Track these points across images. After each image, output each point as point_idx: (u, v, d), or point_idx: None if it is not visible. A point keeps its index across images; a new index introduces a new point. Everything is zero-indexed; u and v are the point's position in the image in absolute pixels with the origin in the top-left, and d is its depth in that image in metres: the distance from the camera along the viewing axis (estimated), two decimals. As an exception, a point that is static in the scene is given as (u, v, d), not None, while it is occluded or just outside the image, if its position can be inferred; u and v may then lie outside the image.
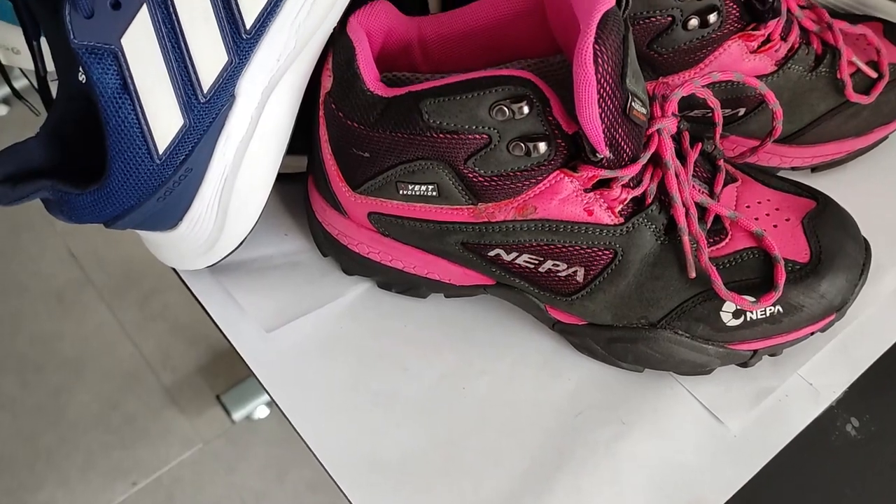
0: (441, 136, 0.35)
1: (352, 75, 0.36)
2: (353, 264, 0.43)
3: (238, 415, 1.10)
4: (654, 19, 0.40)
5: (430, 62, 0.40)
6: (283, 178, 0.43)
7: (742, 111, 0.45)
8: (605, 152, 0.34)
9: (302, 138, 0.41)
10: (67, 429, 1.13)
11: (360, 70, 0.36)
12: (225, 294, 0.44)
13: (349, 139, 0.38)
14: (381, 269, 0.43)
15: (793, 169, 0.49)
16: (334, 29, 0.37)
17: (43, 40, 0.40)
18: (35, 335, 1.19)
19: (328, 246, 0.44)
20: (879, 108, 0.47)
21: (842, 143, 0.48)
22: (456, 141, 0.35)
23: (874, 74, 0.46)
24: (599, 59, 0.31)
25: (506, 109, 0.34)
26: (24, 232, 1.28)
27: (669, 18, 0.40)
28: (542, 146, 0.35)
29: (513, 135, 0.35)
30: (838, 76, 0.45)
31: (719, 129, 0.42)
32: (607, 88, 0.32)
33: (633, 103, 0.33)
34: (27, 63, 0.46)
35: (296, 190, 0.47)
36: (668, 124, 0.37)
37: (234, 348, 0.42)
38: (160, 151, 0.36)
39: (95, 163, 0.37)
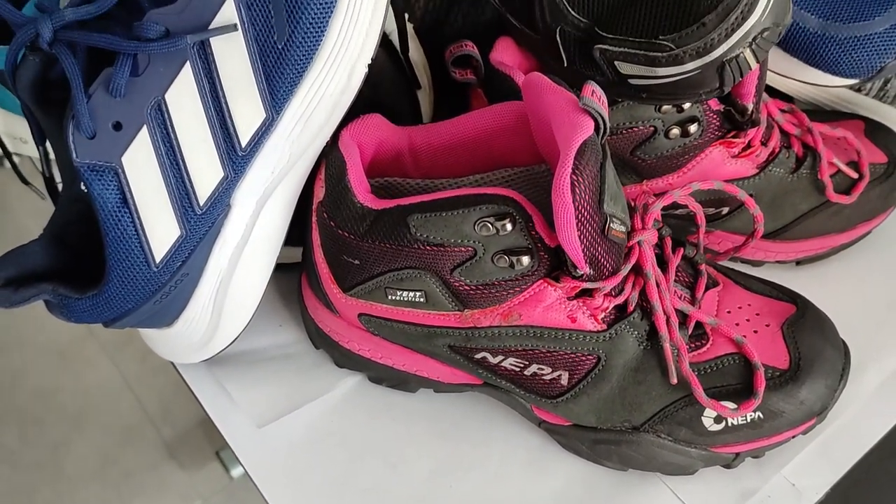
0: (428, 248, 0.37)
1: (343, 188, 0.38)
2: (344, 359, 0.44)
3: (237, 471, 1.11)
4: (636, 129, 0.42)
5: (420, 169, 0.42)
6: (279, 268, 0.44)
7: (725, 210, 0.47)
8: (585, 269, 0.35)
9: (298, 230, 0.43)
10: (66, 483, 1.13)
11: (350, 184, 0.37)
12: (217, 386, 0.45)
13: (340, 247, 0.39)
14: (372, 366, 0.44)
15: (778, 262, 0.50)
16: (327, 142, 0.39)
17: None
18: (36, 389, 1.20)
19: (320, 340, 0.45)
20: (861, 207, 0.48)
21: (825, 238, 0.49)
22: (442, 253, 0.37)
23: (855, 175, 0.47)
24: (577, 189, 0.32)
25: (490, 225, 0.35)
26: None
27: (652, 128, 0.42)
28: (526, 259, 0.36)
29: (497, 248, 0.36)
30: (819, 178, 0.46)
31: (702, 231, 0.43)
32: (585, 213, 0.33)
33: (611, 224, 0.35)
34: (34, 152, 0.48)
35: (292, 280, 0.48)
36: (649, 236, 0.38)
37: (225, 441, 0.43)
38: (157, 260, 0.37)
39: (96, 264, 0.38)
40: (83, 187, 0.38)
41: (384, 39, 0.45)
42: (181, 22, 0.34)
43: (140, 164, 0.35)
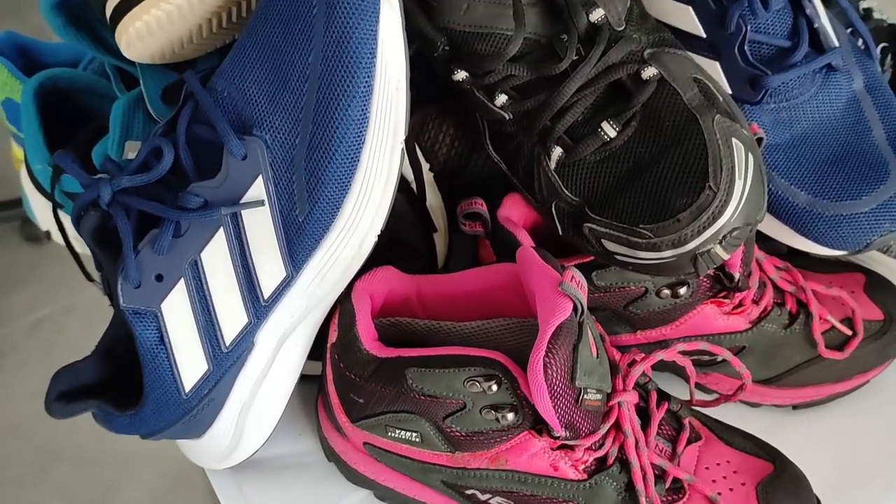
0: (422, 397, 0.41)
1: (352, 336, 0.42)
2: (352, 476, 0.49)
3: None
4: (628, 288, 0.45)
5: (427, 312, 0.46)
6: (302, 379, 0.49)
7: (730, 353, 0.49)
8: (561, 433, 0.39)
9: (320, 347, 0.47)
10: (115, 522, 1.20)
11: (358, 333, 0.42)
12: (238, 491, 0.50)
13: (347, 386, 0.43)
14: (376, 486, 0.48)
15: (775, 406, 0.52)
16: (342, 293, 0.43)
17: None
18: (93, 427, 1.28)
19: (331, 456, 0.49)
20: (856, 361, 0.50)
21: (820, 387, 0.51)
22: (435, 403, 0.40)
23: (849, 332, 0.49)
24: (549, 370, 0.36)
25: (478, 384, 0.39)
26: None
27: (643, 288, 0.45)
28: (511, 416, 0.40)
29: (484, 403, 0.40)
30: (812, 335, 0.48)
31: (692, 383, 0.46)
32: (558, 388, 0.37)
33: (585, 396, 0.38)
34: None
35: (312, 390, 0.52)
36: (629, 397, 0.41)
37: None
38: (187, 390, 0.42)
39: (139, 379, 0.44)
40: (129, 322, 0.44)
41: (405, 185, 0.50)
42: (218, 195, 0.39)
43: (176, 310, 0.41)
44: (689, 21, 0.46)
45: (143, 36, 0.41)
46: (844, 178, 0.45)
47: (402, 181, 0.49)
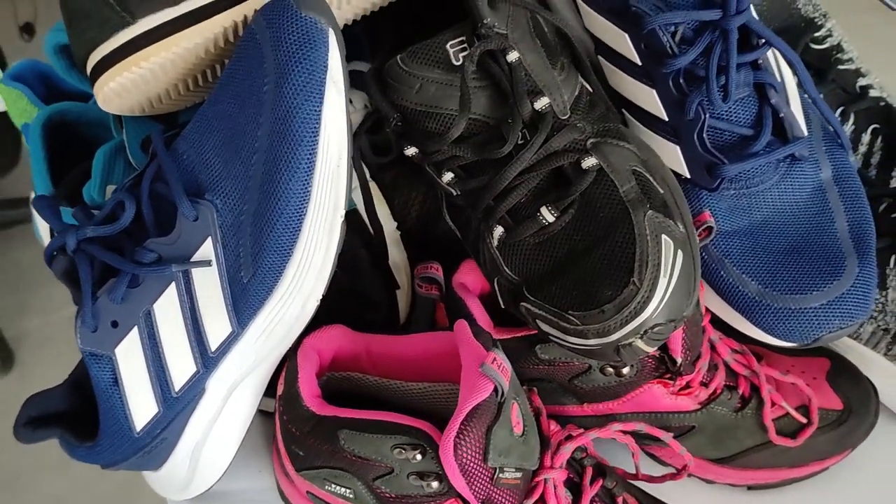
0: (354, 458, 0.42)
1: (295, 392, 0.44)
2: (300, 519, 0.50)
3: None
4: (572, 363, 0.46)
5: (376, 370, 0.47)
6: (265, 415, 0.51)
7: (671, 435, 0.49)
8: (478, 508, 0.40)
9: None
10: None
11: (300, 390, 0.43)
12: (197, 524, 0.52)
13: (290, 437, 0.45)
14: (320, 531, 0.49)
15: (730, 485, 0.52)
16: (290, 347, 0.45)
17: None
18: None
19: (283, 497, 0.51)
20: (811, 449, 0.49)
21: (774, 471, 0.50)
22: (366, 464, 0.42)
23: (803, 420, 0.48)
24: (459, 450, 0.37)
25: (404, 451, 0.40)
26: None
27: (587, 365, 0.46)
28: (435, 483, 0.41)
29: (410, 470, 0.41)
30: (763, 421, 0.48)
31: (637, 458, 0.46)
32: (471, 466, 0.38)
33: (501, 474, 0.39)
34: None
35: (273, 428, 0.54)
36: (557, 475, 0.42)
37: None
38: (138, 430, 0.45)
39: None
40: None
41: (374, 240, 0.51)
42: (171, 251, 0.41)
43: (129, 355, 0.43)
44: (654, 104, 0.46)
45: (119, 93, 0.44)
46: (798, 271, 0.44)
47: (368, 238, 0.51)
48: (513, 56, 0.40)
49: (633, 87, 0.47)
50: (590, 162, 0.40)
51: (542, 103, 0.40)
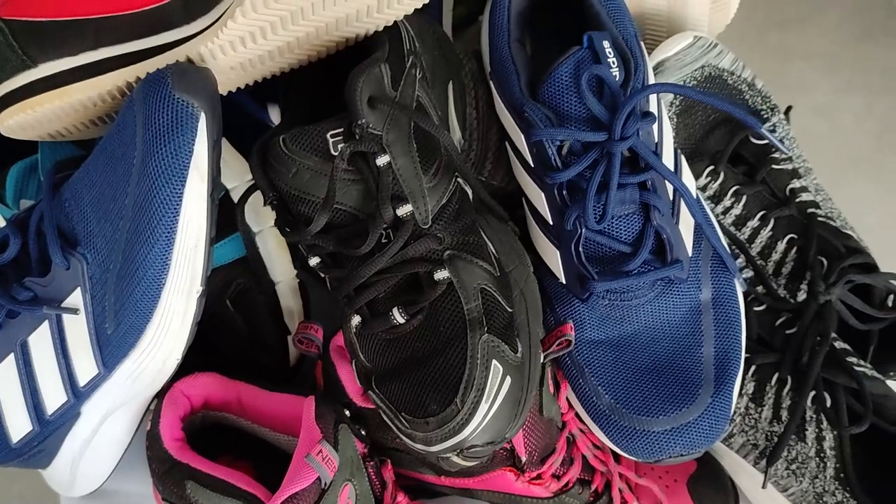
0: (198, 507, 0.44)
1: (156, 433, 0.46)
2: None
3: None
4: (425, 443, 0.47)
5: (246, 415, 0.49)
6: None
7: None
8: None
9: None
10: None
11: (160, 433, 0.46)
12: (85, 517, 0.55)
13: (153, 471, 0.48)
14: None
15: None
16: (160, 389, 0.47)
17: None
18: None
19: (159, 509, 0.54)
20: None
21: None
22: (207, 515, 0.44)
23: (652, 522, 0.50)
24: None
25: (237, 513, 0.43)
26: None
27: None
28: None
29: (244, 531, 0.43)
30: (612, 519, 0.49)
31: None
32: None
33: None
34: None
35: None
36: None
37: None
38: (14, 442, 0.48)
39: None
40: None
41: (270, 289, 0.53)
42: (45, 293, 0.43)
43: (6, 378, 0.46)
44: (542, 205, 0.46)
45: (21, 128, 0.45)
46: (651, 392, 0.45)
47: (265, 285, 0.52)
48: (382, 160, 0.40)
49: (528, 184, 0.47)
50: (442, 275, 0.40)
51: (404, 210, 0.41)
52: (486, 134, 0.55)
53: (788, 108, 0.62)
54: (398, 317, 0.41)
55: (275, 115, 0.59)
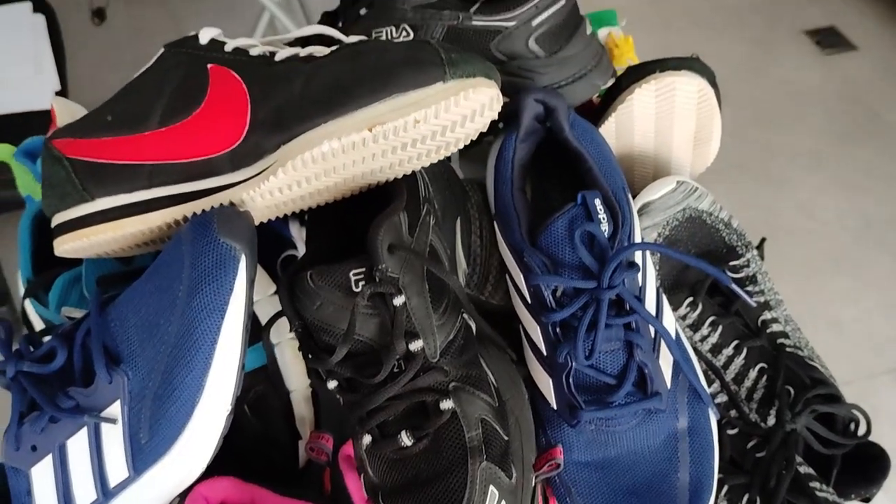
0: None
1: (175, 528, 0.50)
2: None
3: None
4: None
5: None
6: None
7: None
8: None
9: None
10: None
11: (179, 534, 0.50)
12: None
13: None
14: None
15: None
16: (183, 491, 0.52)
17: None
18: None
19: None
20: None
21: None
22: None
23: None
24: None
25: None
26: None
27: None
28: None
29: None
30: None
31: None
32: None
33: None
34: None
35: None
36: None
37: None
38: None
39: None
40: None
41: (285, 397, 0.57)
42: (87, 402, 0.48)
43: (42, 476, 0.50)
44: (537, 337, 0.51)
45: (74, 251, 0.51)
46: (631, 514, 0.49)
47: (281, 391, 0.57)
48: (398, 301, 0.46)
49: (525, 317, 0.52)
50: (447, 405, 0.45)
51: (416, 345, 0.46)
52: (488, 259, 0.60)
53: (762, 241, 0.69)
54: (406, 439, 0.46)
55: (294, 229, 0.65)
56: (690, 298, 0.61)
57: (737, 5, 2.50)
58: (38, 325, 0.66)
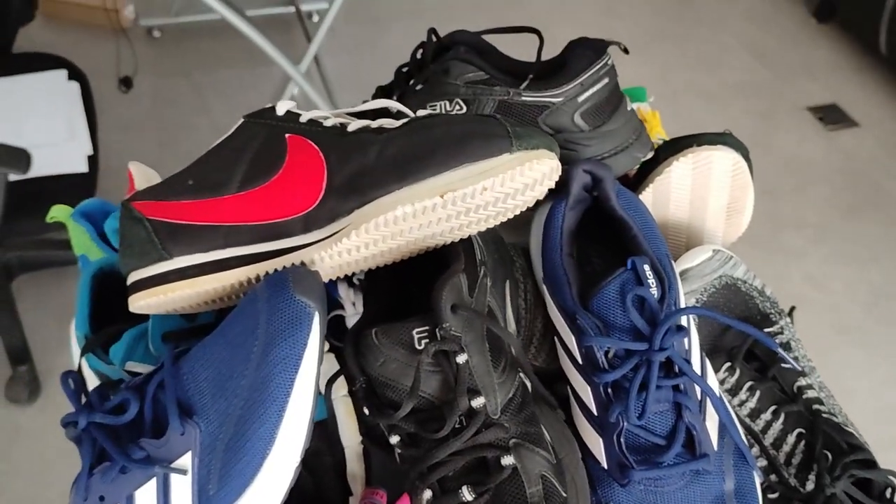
0: None
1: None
2: None
3: None
4: None
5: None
6: None
7: None
8: None
9: None
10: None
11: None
12: None
13: None
14: None
15: None
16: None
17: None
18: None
19: None
20: None
21: None
22: None
23: None
24: None
25: None
26: None
27: None
28: None
29: None
30: None
31: None
32: None
33: None
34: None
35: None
36: None
37: None
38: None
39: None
40: None
41: (339, 452, 0.59)
42: (158, 453, 0.50)
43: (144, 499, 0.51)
44: (588, 398, 0.53)
45: (148, 307, 0.53)
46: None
47: (334, 447, 0.59)
48: (461, 359, 0.48)
49: (575, 377, 0.54)
50: (508, 461, 0.47)
51: (478, 402, 0.48)
52: (532, 322, 0.63)
53: (792, 309, 0.71)
54: (467, 495, 0.47)
55: (342, 290, 0.67)
56: (728, 364, 0.63)
57: (741, 82, 2.59)
58: (92, 380, 0.68)
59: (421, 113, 0.51)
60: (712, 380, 0.56)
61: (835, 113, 2.59)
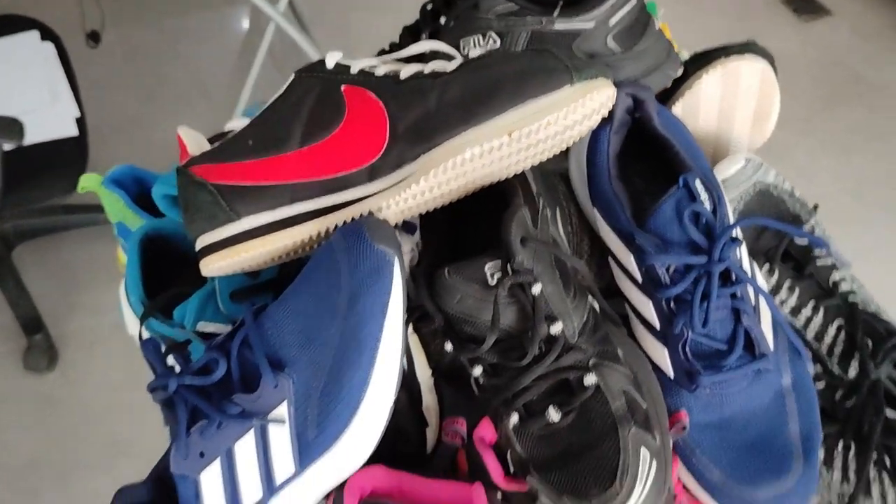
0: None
1: (337, 517, 0.54)
2: None
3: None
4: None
5: (406, 501, 0.58)
6: None
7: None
8: None
9: None
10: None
11: (342, 517, 0.54)
12: None
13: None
14: None
15: None
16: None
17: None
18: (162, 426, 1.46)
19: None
20: None
21: None
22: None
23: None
24: None
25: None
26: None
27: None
28: None
29: None
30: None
31: None
32: None
33: None
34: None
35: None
36: None
37: None
38: (209, 534, 0.56)
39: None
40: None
41: (414, 386, 0.62)
42: (253, 407, 0.52)
43: (211, 480, 0.54)
44: (650, 314, 0.56)
45: (221, 269, 0.54)
46: (753, 466, 0.54)
47: (408, 382, 0.61)
48: (536, 289, 0.50)
49: (634, 295, 0.57)
50: (590, 380, 0.50)
51: (556, 328, 0.50)
52: (579, 244, 0.65)
53: (815, 206, 0.74)
54: (554, 415, 0.50)
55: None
56: (767, 265, 0.66)
57: (714, -20, 2.57)
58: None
59: (473, 53, 0.52)
60: (762, 282, 0.58)
61: (808, 3, 2.59)
